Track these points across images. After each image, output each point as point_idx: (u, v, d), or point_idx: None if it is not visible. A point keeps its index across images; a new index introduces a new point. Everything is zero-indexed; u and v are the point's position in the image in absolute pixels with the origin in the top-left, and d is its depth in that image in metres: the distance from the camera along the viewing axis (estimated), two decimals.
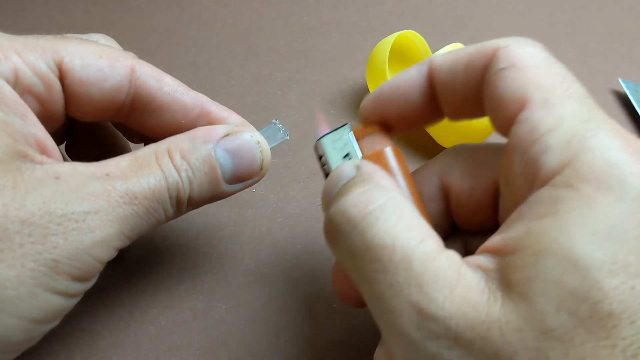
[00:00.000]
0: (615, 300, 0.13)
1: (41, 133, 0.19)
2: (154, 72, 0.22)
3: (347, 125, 0.22)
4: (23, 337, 0.17)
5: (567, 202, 0.15)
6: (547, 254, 0.14)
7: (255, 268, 0.27)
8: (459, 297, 0.15)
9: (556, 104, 0.16)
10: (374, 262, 0.16)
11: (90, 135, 0.25)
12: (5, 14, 0.41)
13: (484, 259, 0.16)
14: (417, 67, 0.20)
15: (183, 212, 0.21)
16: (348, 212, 0.17)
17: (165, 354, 0.24)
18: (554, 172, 0.15)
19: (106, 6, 0.42)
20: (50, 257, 0.17)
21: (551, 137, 0.16)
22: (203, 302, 0.26)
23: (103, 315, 0.25)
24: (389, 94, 0.21)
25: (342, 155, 0.21)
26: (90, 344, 0.24)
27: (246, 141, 0.22)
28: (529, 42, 0.18)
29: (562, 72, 0.17)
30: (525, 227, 0.15)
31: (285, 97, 0.36)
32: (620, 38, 0.43)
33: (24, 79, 0.19)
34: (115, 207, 0.18)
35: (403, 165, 0.21)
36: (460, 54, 0.19)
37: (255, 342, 0.24)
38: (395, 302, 0.15)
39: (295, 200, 0.30)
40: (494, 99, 0.18)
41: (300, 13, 0.43)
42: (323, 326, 0.25)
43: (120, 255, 0.27)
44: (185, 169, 0.20)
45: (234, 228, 0.29)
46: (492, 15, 0.44)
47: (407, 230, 0.16)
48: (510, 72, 0.17)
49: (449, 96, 0.20)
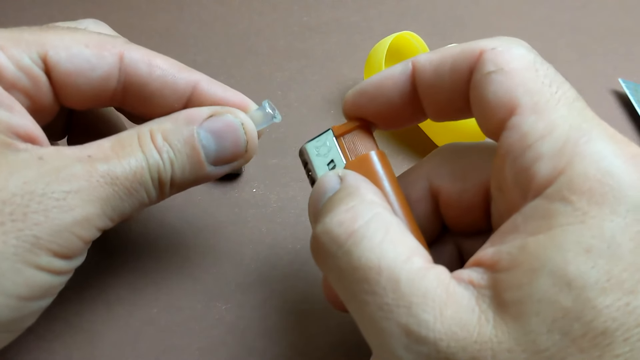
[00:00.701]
0: (609, 318, 0.13)
1: (30, 124, 0.19)
2: (145, 57, 0.22)
3: (330, 131, 0.21)
4: (12, 315, 0.18)
5: (561, 218, 0.14)
6: (542, 274, 0.14)
7: (255, 268, 0.27)
8: (449, 317, 0.15)
9: (546, 109, 0.16)
10: (361, 283, 0.16)
11: (91, 126, 0.25)
12: (5, 14, 0.41)
13: (476, 275, 0.16)
14: (402, 65, 0.20)
15: (167, 194, 0.21)
16: (334, 231, 0.17)
17: (165, 354, 0.24)
18: (547, 182, 0.15)
19: (106, 6, 0.42)
20: (31, 233, 0.17)
21: (543, 144, 0.15)
22: (203, 302, 0.26)
23: (103, 314, 0.25)
24: (371, 90, 0.21)
25: (326, 162, 0.21)
26: (90, 344, 0.24)
27: (229, 122, 0.22)
28: (515, 42, 0.18)
29: (550, 74, 0.17)
30: (520, 243, 0.15)
31: (285, 97, 0.36)
32: (620, 38, 0.43)
33: (8, 74, 0.19)
34: (96, 187, 0.18)
35: (388, 169, 0.20)
36: (446, 54, 0.19)
37: (255, 342, 0.24)
38: (385, 324, 0.15)
39: (295, 200, 0.30)
40: (481, 103, 0.17)
41: (300, 13, 0.43)
42: (323, 326, 0.25)
43: (121, 255, 0.27)
44: (167, 150, 0.20)
45: (234, 228, 0.29)
46: (492, 16, 0.44)
47: (393, 249, 0.16)
48: (498, 75, 0.17)
49: (433, 97, 0.20)
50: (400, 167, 0.32)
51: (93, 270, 0.21)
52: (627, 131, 0.36)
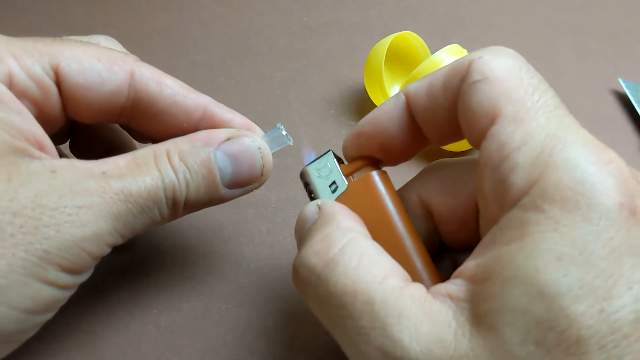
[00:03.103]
0: (583, 326, 0.13)
1: (39, 131, 0.19)
2: (155, 75, 0.22)
3: (330, 153, 0.21)
4: (16, 327, 0.18)
5: (533, 226, 0.14)
6: (513, 283, 0.14)
7: (255, 268, 0.27)
8: (425, 334, 0.15)
9: (525, 119, 0.16)
10: (339, 308, 0.16)
11: (93, 133, 0.25)
12: (5, 14, 0.41)
13: (455, 288, 0.16)
14: (394, 99, 0.20)
15: (180, 214, 0.21)
16: (310, 262, 0.17)
17: (165, 354, 0.24)
18: (521, 193, 0.15)
19: (106, 6, 0.42)
20: (41, 247, 0.17)
21: (519, 155, 0.15)
22: (203, 302, 0.26)
23: (103, 315, 0.25)
24: (369, 130, 0.21)
25: (328, 184, 0.21)
26: (90, 344, 0.24)
27: (247, 146, 0.21)
28: (502, 51, 0.18)
29: (534, 83, 0.17)
30: (495, 254, 0.15)
31: (285, 97, 0.36)
32: (620, 38, 0.43)
33: (19, 82, 0.19)
34: (109, 203, 0.18)
35: (390, 188, 0.20)
36: (436, 75, 0.19)
37: (255, 342, 0.24)
38: (364, 348, 0.15)
39: (295, 200, 0.30)
40: (466, 113, 0.17)
41: (300, 13, 0.43)
42: (323, 327, 0.25)
43: (121, 255, 0.27)
44: (183, 171, 0.20)
45: (234, 228, 0.29)
46: (492, 16, 0.44)
47: (368, 271, 0.16)
48: (482, 85, 0.17)
49: (432, 121, 0.19)
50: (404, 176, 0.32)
51: (93, 270, 0.21)
52: (627, 131, 0.36)
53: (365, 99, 0.36)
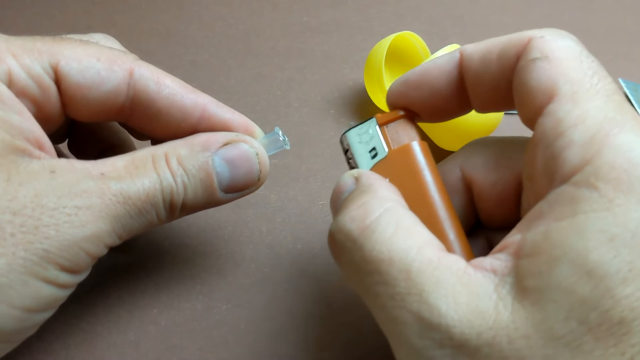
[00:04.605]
0: (627, 308, 0.13)
1: (38, 131, 0.19)
2: (154, 75, 0.22)
3: (373, 119, 0.21)
4: (16, 326, 0.18)
5: (586, 204, 0.14)
6: (563, 261, 0.14)
7: (255, 268, 0.27)
8: (463, 304, 0.15)
9: (583, 99, 0.16)
10: (373, 275, 0.16)
11: (92, 132, 0.25)
12: (5, 14, 0.41)
13: (499, 262, 0.16)
14: (449, 54, 0.20)
15: (176, 216, 0.21)
16: (346, 228, 0.18)
17: (165, 354, 0.24)
18: (574, 169, 0.15)
19: (106, 6, 0.42)
20: (41, 247, 0.17)
21: (575, 132, 0.16)
22: (203, 302, 0.26)
23: (103, 315, 0.25)
24: (416, 79, 0.21)
25: (368, 149, 0.21)
26: (90, 344, 0.24)
27: (245, 152, 0.22)
28: (564, 34, 0.18)
29: (593, 67, 0.17)
30: (543, 229, 0.15)
31: (285, 97, 0.36)
32: (620, 38, 0.43)
33: (18, 81, 0.19)
34: (107, 204, 0.18)
35: (430, 160, 0.20)
36: (494, 43, 0.19)
37: (255, 342, 0.24)
38: (397, 312, 0.15)
39: (295, 200, 0.30)
40: (522, 89, 0.18)
41: (300, 13, 0.43)
42: (323, 326, 0.25)
43: (121, 255, 0.27)
44: (181, 175, 0.20)
45: (234, 228, 0.29)
46: (492, 16, 0.44)
47: (403, 241, 0.16)
48: (542, 62, 0.17)
49: (479, 86, 0.20)
50: None
51: (93, 270, 0.21)
52: None
53: (365, 99, 0.36)
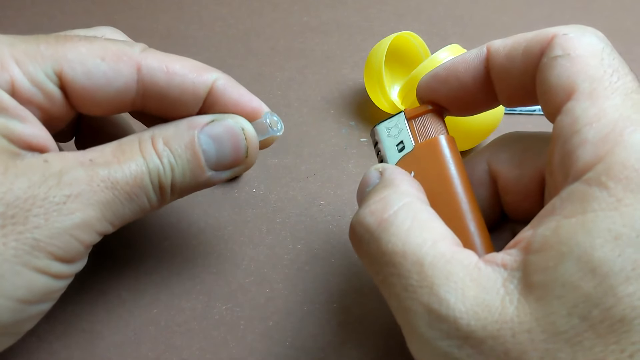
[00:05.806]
0: (629, 307, 0.14)
1: (43, 134, 0.20)
2: (162, 64, 0.21)
3: (402, 113, 0.22)
4: (11, 317, 0.18)
5: (595, 203, 0.15)
6: (569, 258, 0.14)
7: (255, 268, 0.27)
8: (471, 297, 0.15)
9: (601, 97, 0.16)
10: (388, 266, 0.17)
11: (99, 128, 0.26)
12: (5, 14, 0.41)
13: (509, 257, 0.16)
14: (476, 50, 0.21)
15: (168, 200, 0.21)
16: (365, 220, 0.18)
17: (165, 354, 0.24)
18: (587, 167, 0.15)
19: (106, 6, 0.42)
20: (31, 236, 0.17)
21: (590, 130, 0.16)
22: (203, 302, 0.26)
23: (103, 314, 0.25)
24: (444, 73, 0.21)
25: (395, 143, 0.22)
26: (90, 344, 0.24)
27: (230, 127, 0.22)
28: (589, 30, 0.18)
29: (614, 64, 0.17)
30: (553, 225, 0.15)
31: (285, 97, 0.36)
32: (620, 38, 0.43)
33: (22, 89, 0.19)
34: (96, 191, 0.19)
35: (456, 153, 0.21)
36: (520, 39, 0.19)
37: (255, 342, 0.24)
38: (409, 303, 0.16)
39: (295, 200, 0.30)
40: (544, 86, 0.18)
41: (300, 13, 0.43)
42: (324, 326, 0.25)
43: (121, 254, 0.27)
44: (167, 155, 0.20)
45: (234, 228, 0.29)
46: (492, 16, 0.44)
47: (419, 235, 0.17)
48: (563, 60, 0.17)
49: (505, 81, 0.20)
50: None
51: (93, 270, 0.21)
52: None
53: (365, 99, 0.36)
